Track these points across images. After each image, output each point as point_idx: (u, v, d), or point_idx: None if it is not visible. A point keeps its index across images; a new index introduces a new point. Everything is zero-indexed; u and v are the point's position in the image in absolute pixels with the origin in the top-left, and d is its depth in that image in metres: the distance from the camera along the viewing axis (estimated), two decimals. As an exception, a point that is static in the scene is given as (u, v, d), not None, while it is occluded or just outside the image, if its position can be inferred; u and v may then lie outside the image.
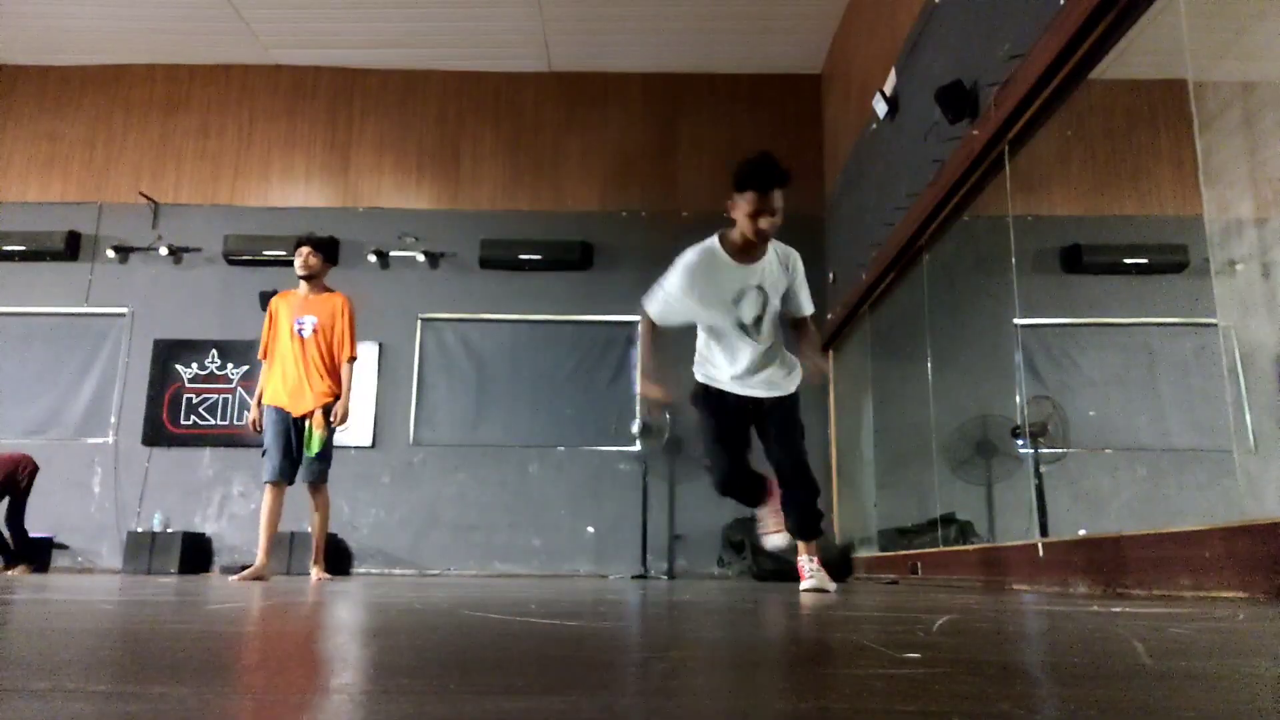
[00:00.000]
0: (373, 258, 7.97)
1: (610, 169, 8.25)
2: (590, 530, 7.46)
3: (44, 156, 8.34)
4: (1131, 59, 3.29)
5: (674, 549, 7.31)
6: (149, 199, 8.16)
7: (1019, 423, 4.14)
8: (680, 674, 0.83)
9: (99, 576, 6.11)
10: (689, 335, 3.47)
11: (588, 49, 8.20)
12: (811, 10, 7.53)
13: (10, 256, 7.99)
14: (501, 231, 7.99)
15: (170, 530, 7.18)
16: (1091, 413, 4.15)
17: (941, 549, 4.96)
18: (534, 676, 0.82)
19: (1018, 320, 4.12)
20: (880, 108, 5.80)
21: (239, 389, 7.74)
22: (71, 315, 7.95)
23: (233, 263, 7.99)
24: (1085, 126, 3.78)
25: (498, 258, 7.91)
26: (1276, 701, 0.71)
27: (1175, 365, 3.60)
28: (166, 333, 7.91)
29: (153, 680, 0.77)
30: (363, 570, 7.42)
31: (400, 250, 8.04)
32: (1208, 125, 2.72)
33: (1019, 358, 4.09)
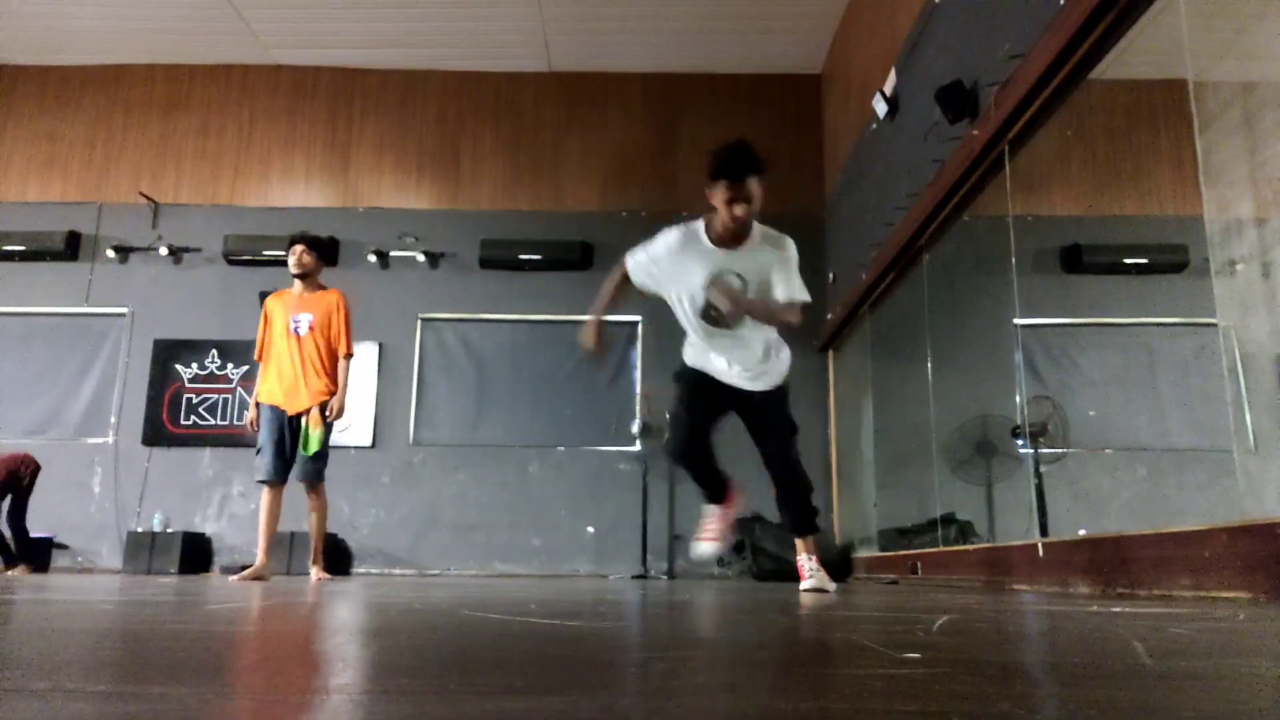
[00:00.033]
0: (373, 258, 7.97)
1: (610, 169, 8.25)
2: (590, 530, 7.47)
3: (44, 156, 8.34)
4: (1131, 59, 3.29)
5: (674, 549, 7.31)
6: (149, 199, 8.16)
7: (1019, 423, 4.14)
8: (680, 674, 0.83)
9: (99, 576, 6.11)
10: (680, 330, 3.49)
11: (588, 49, 8.20)
12: (811, 10, 7.53)
13: (10, 256, 7.99)
14: (501, 231, 7.99)
15: (170, 530, 7.18)
16: (1091, 413, 4.15)
17: (941, 549, 4.96)
18: (534, 676, 0.82)
19: (1018, 320, 4.12)
20: (880, 108, 5.80)
21: (239, 389, 7.74)
22: (71, 315, 7.95)
23: (233, 263, 8.00)
24: (1085, 126, 3.78)
25: (498, 258, 7.91)
26: (1276, 701, 0.71)
27: (1175, 365, 3.60)
28: (166, 333, 7.91)
29: (152, 680, 0.77)
30: (363, 570, 7.42)
31: (400, 250, 8.04)
32: (1208, 125, 2.72)
33: (1019, 358, 4.09)
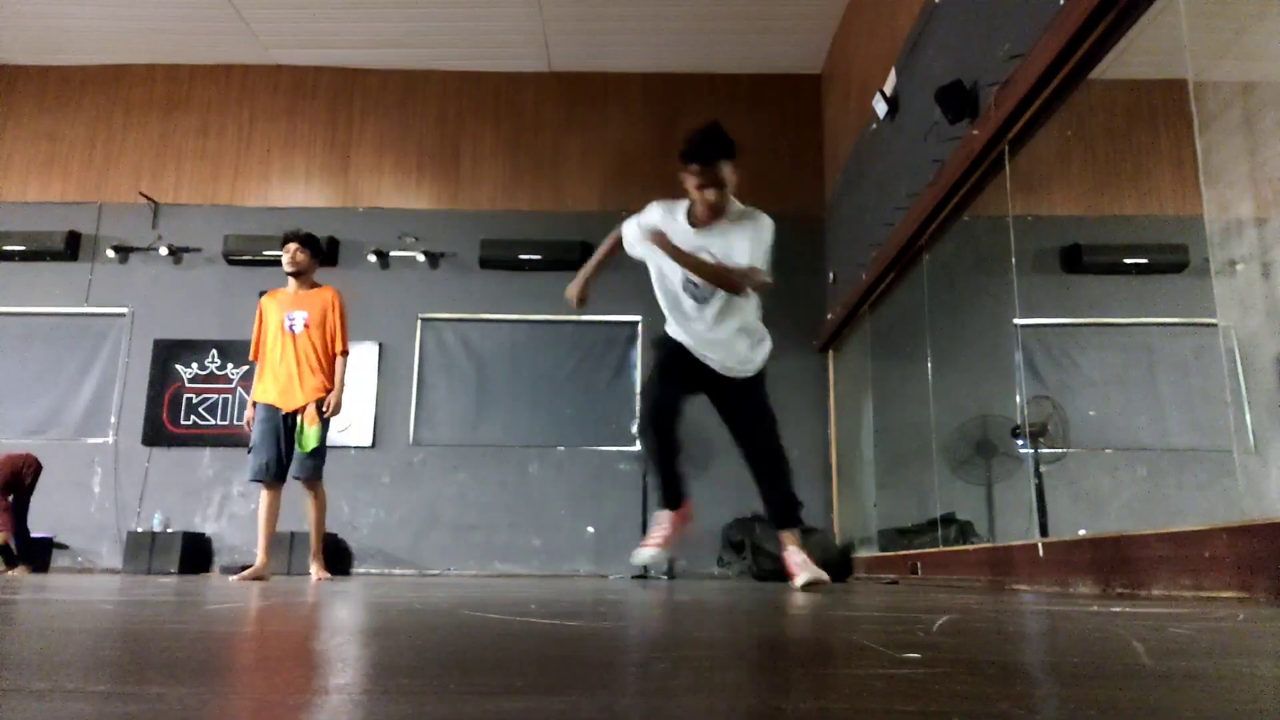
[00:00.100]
0: (373, 258, 7.97)
1: (610, 169, 8.25)
2: (590, 530, 7.46)
3: (44, 156, 8.34)
4: (1131, 59, 3.29)
5: (674, 549, 7.30)
6: (149, 199, 8.16)
7: (1019, 423, 4.14)
8: (680, 674, 0.83)
9: (99, 576, 6.11)
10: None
11: (588, 49, 8.20)
12: (811, 10, 7.53)
13: (10, 256, 7.99)
14: (501, 231, 7.99)
15: (170, 530, 7.18)
16: (1091, 413, 4.15)
17: (941, 549, 4.95)
18: (534, 676, 0.82)
19: (1018, 320, 4.12)
20: (880, 108, 5.80)
21: (239, 389, 7.74)
22: (71, 315, 7.95)
23: (233, 263, 8.00)
24: (1085, 126, 3.78)
25: (498, 258, 7.91)
26: (1276, 701, 0.71)
27: (1175, 365, 3.60)
28: (166, 333, 7.91)
29: (152, 680, 0.77)
30: (363, 570, 7.42)
31: (400, 250, 8.04)
32: (1208, 125, 2.72)
33: (1019, 358, 4.08)
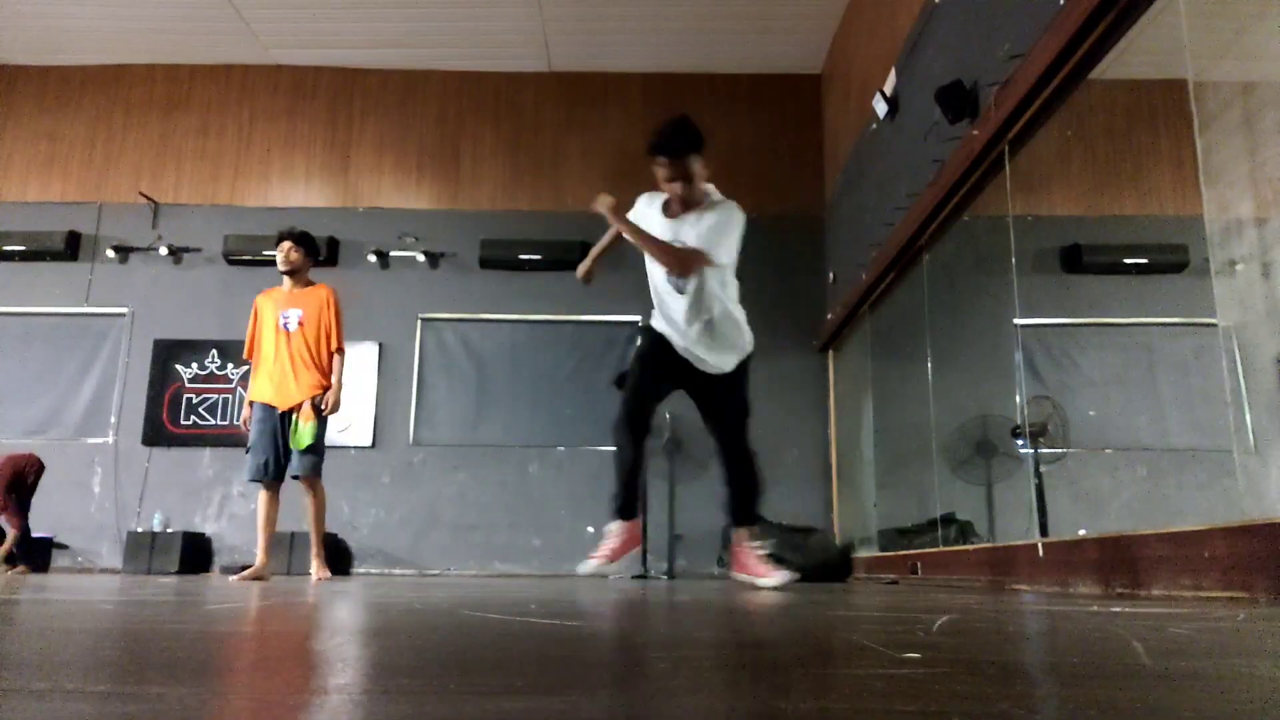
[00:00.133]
0: (373, 258, 7.97)
1: (610, 169, 8.24)
2: (590, 530, 7.46)
3: (44, 156, 8.34)
4: (1131, 59, 3.29)
5: (674, 549, 7.30)
6: (149, 199, 8.16)
7: (1019, 423, 4.14)
8: (680, 674, 0.83)
9: (99, 576, 6.11)
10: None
11: (588, 49, 8.20)
12: (811, 10, 7.53)
13: (10, 256, 7.99)
14: (501, 231, 7.99)
15: (170, 530, 7.18)
16: (1091, 413, 4.15)
17: (941, 549, 4.95)
18: (534, 676, 0.82)
19: (1018, 320, 4.12)
20: (880, 108, 5.80)
21: (239, 389, 7.74)
22: (71, 315, 7.95)
23: (233, 263, 8.00)
24: (1085, 126, 3.78)
25: (498, 258, 7.91)
26: (1276, 702, 0.71)
27: (1175, 365, 3.60)
28: (166, 333, 7.91)
29: (152, 680, 0.77)
30: (363, 570, 7.42)
31: (400, 250, 8.04)
32: (1208, 125, 2.72)
33: (1019, 358, 4.08)
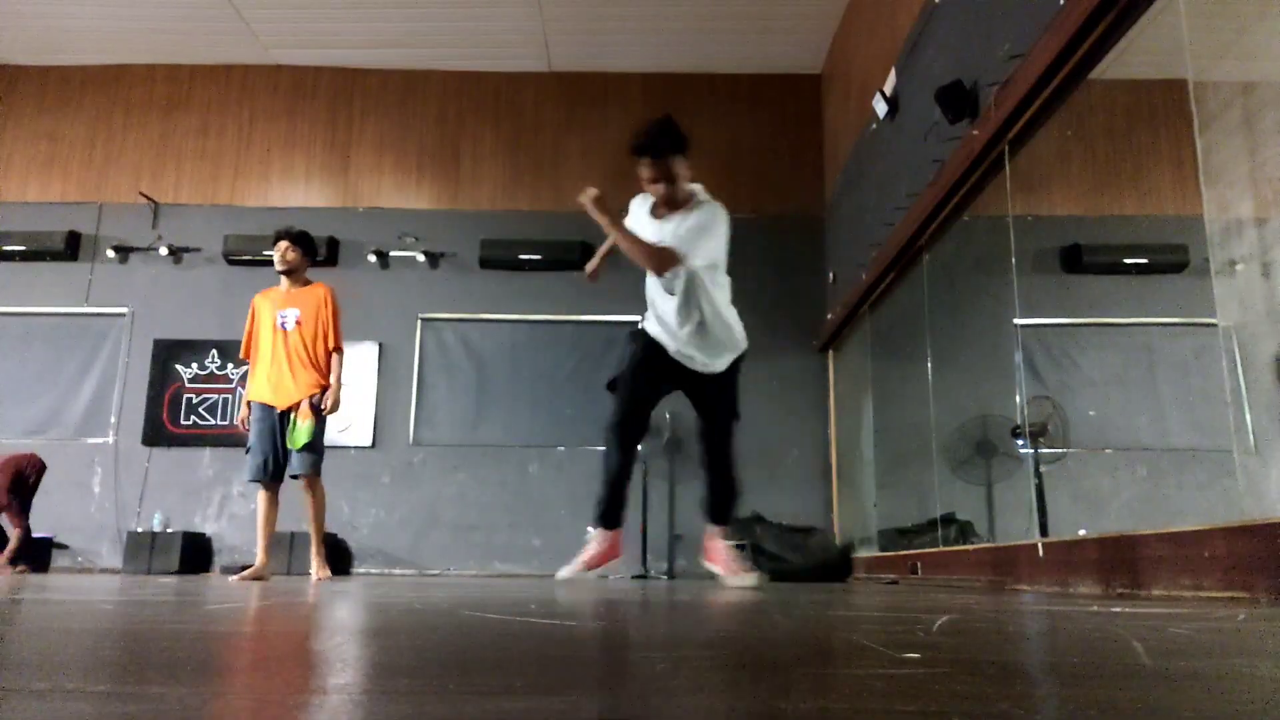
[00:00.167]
0: (373, 258, 7.97)
1: (610, 169, 8.21)
2: (590, 530, 7.46)
3: (44, 156, 8.34)
4: (1131, 59, 3.29)
5: (674, 549, 7.30)
6: (149, 199, 8.16)
7: (1019, 423, 4.14)
8: (680, 674, 0.83)
9: (99, 576, 6.11)
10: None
11: (588, 49, 8.20)
12: (811, 10, 7.53)
13: (10, 256, 7.99)
14: (501, 231, 7.99)
15: (170, 530, 7.18)
16: (1091, 413, 4.15)
17: (941, 549, 4.95)
18: (534, 676, 0.82)
19: (1018, 320, 4.12)
20: (880, 108, 5.80)
21: (239, 389, 7.73)
22: (71, 315, 7.95)
23: (233, 263, 8.00)
24: (1085, 126, 3.78)
25: (498, 258, 7.91)
26: (1276, 702, 0.71)
27: (1175, 365, 3.60)
28: (166, 333, 7.91)
29: (152, 680, 0.77)
30: (363, 570, 7.42)
31: (400, 250, 8.04)
32: (1208, 125, 2.72)
33: (1019, 358, 4.09)
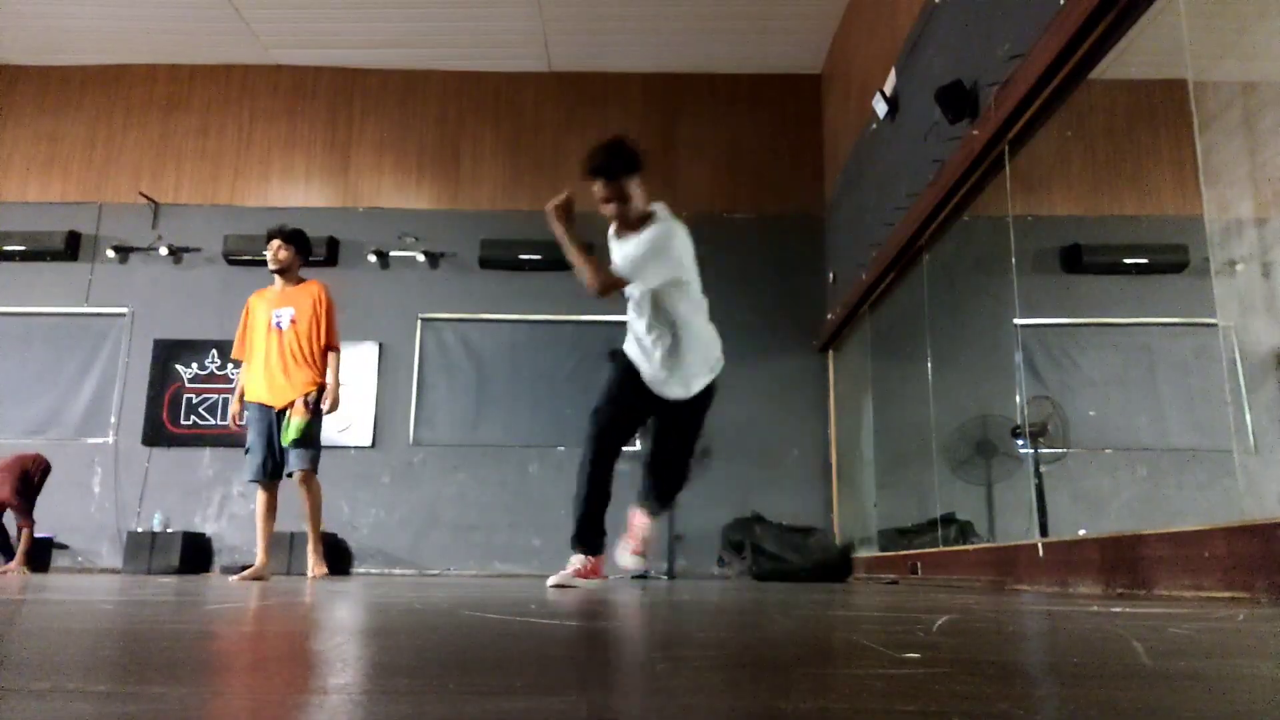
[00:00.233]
0: (373, 258, 7.97)
1: (610, 169, 8.23)
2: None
3: (44, 156, 8.34)
4: (1131, 59, 3.29)
5: (674, 549, 7.30)
6: (149, 199, 8.16)
7: (1019, 423, 4.14)
8: (680, 674, 0.83)
9: (99, 576, 6.11)
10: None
11: (588, 49, 8.20)
12: (811, 10, 7.53)
13: (10, 256, 7.99)
14: (501, 231, 7.99)
15: (170, 530, 7.18)
16: (1091, 413, 4.15)
17: (941, 549, 4.95)
18: (534, 676, 0.82)
19: (1018, 320, 4.12)
20: (880, 108, 5.80)
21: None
22: (71, 315, 7.95)
23: (233, 263, 8.00)
24: (1085, 126, 3.78)
25: (498, 258, 7.91)
26: (1276, 702, 0.71)
27: (1175, 365, 3.61)
28: (166, 333, 7.91)
29: (152, 680, 0.77)
30: (363, 570, 7.42)
31: (400, 250, 8.04)
32: (1208, 125, 2.72)
33: (1019, 358, 4.08)
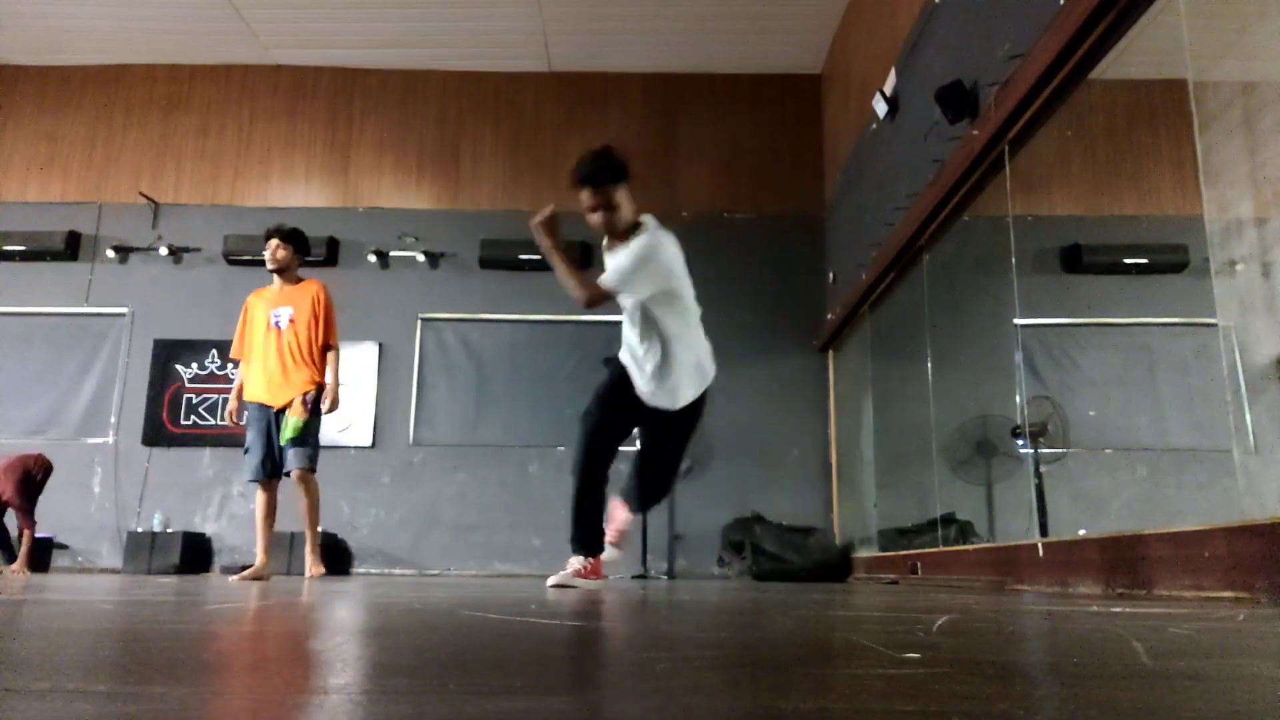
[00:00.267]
0: (373, 258, 7.97)
1: (610, 169, 8.23)
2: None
3: (44, 156, 8.34)
4: (1131, 59, 3.29)
5: (674, 549, 7.30)
6: (149, 199, 8.16)
7: (1019, 423, 4.14)
8: (680, 674, 0.83)
9: (99, 576, 6.11)
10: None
11: (588, 49, 8.20)
12: (811, 10, 7.53)
13: (10, 256, 7.99)
14: (501, 231, 7.99)
15: (170, 530, 7.18)
16: (1091, 413, 4.15)
17: (941, 549, 4.95)
18: (534, 676, 0.82)
19: (1018, 320, 4.12)
20: (880, 108, 5.80)
21: (239, 389, 7.74)
22: (71, 315, 7.95)
23: (233, 263, 8.00)
24: (1085, 126, 3.78)
25: (498, 258, 7.91)
26: (1276, 702, 0.71)
27: (1175, 365, 3.61)
28: (166, 333, 7.91)
29: (153, 680, 0.77)
30: (363, 570, 7.42)
31: (400, 250, 8.04)
32: (1208, 125, 2.72)
33: (1019, 358, 4.08)
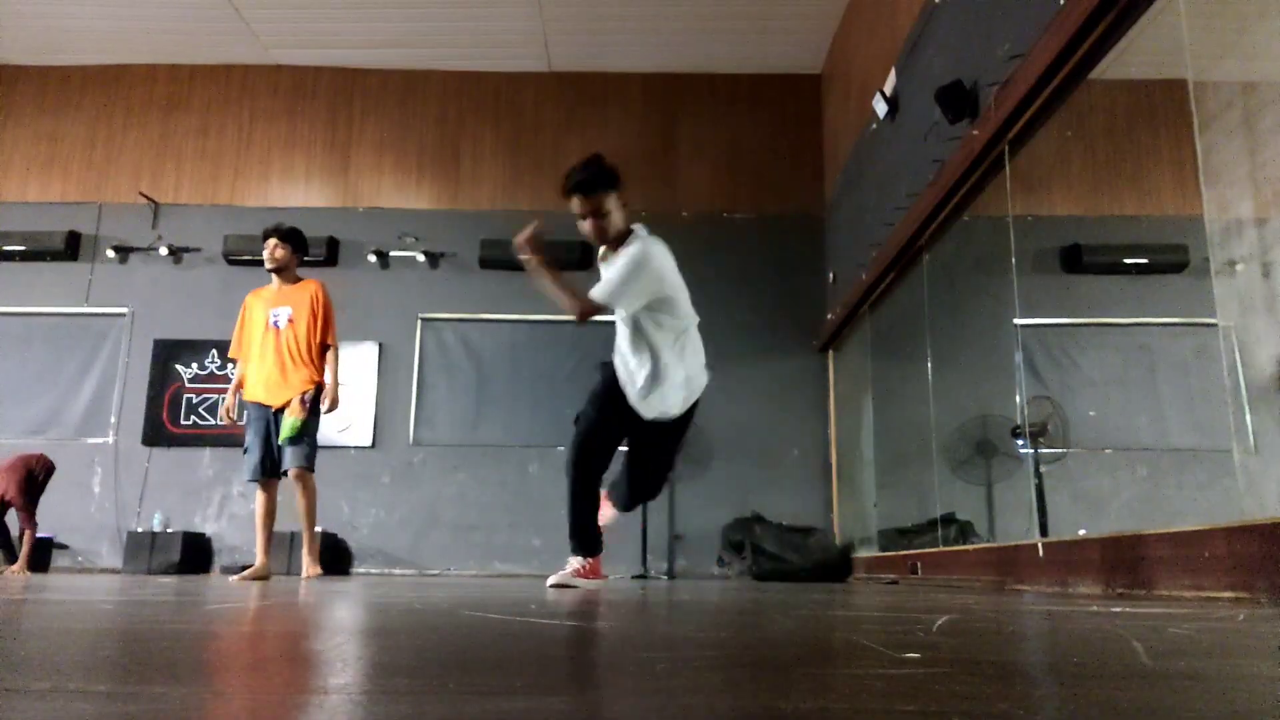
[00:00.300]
0: (373, 258, 7.97)
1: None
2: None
3: (44, 156, 8.34)
4: (1131, 59, 3.29)
5: (674, 549, 7.31)
6: (149, 199, 8.16)
7: (1019, 423, 4.14)
8: (680, 674, 0.83)
9: (99, 576, 6.11)
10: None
11: (588, 49, 8.20)
12: (811, 10, 7.53)
13: (10, 256, 7.99)
14: (501, 231, 7.97)
15: (170, 530, 7.18)
16: (1091, 413, 4.15)
17: (941, 549, 4.95)
18: (534, 676, 0.82)
19: (1018, 320, 4.12)
20: (880, 108, 5.80)
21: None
22: (71, 315, 7.95)
23: (233, 263, 7.99)
24: (1085, 126, 3.78)
25: (498, 258, 7.90)
26: (1276, 702, 0.71)
27: (1175, 365, 3.61)
28: (166, 333, 7.91)
29: (152, 680, 0.77)
30: (362, 570, 7.42)
31: (400, 250, 8.04)
32: (1208, 125, 2.72)
33: (1019, 358, 4.08)
